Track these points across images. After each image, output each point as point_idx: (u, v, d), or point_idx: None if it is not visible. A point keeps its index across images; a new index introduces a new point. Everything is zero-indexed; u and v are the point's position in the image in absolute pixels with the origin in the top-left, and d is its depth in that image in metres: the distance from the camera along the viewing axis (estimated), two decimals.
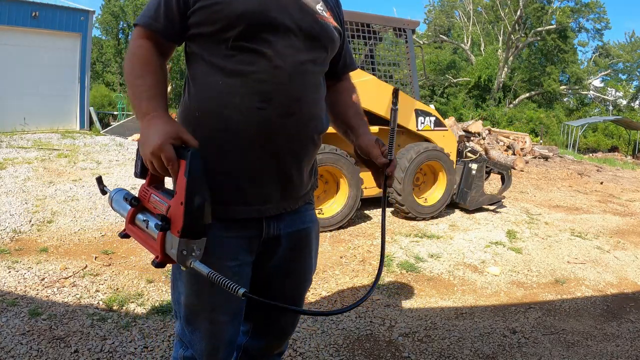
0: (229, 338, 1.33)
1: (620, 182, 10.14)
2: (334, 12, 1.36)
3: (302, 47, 1.22)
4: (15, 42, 10.86)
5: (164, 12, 1.19)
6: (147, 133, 1.08)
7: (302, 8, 1.24)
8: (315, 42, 1.25)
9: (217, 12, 1.16)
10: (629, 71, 34.22)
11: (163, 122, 1.10)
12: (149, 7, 1.24)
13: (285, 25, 1.19)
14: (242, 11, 1.15)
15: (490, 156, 10.83)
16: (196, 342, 1.31)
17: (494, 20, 32.29)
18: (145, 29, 1.21)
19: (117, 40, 37.13)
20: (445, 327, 2.72)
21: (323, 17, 1.28)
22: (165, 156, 1.05)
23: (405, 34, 5.29)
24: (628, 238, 5.01)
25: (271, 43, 1.17)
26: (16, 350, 2.11)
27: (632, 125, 24.26)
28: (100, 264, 3.24)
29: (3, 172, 5.73)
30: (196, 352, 1.32)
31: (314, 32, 1.24)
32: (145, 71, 1.18)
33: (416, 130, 5.13)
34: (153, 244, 1.08)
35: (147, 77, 1.17)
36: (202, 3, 1.16)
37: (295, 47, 1.20)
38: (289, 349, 2.32)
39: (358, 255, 3.85)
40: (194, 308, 1.28)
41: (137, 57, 1.19)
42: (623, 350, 2.58)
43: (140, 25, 1.22)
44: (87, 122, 12.27)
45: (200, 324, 1.29)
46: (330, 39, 1.29)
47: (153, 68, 1.19)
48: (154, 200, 1.13)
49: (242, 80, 1.16)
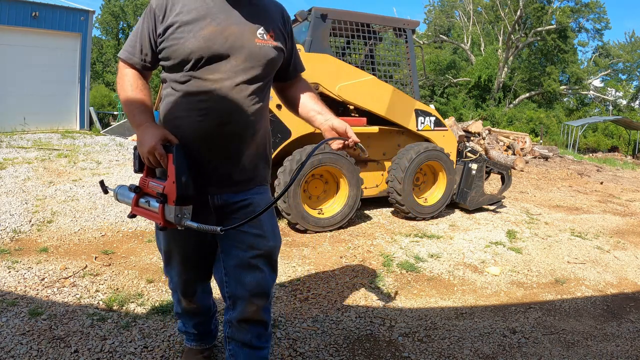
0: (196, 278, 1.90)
1: (620, 182, 10.14)
2: (277, 31, 1.70)
3: (241, 69, 1.59)
4: (15, 42, 10.86)
5: (139, 49, 1.62)
6: (143, 138, 1.51)
7: (242, 37, 1.60)
8: (254, 63, 1.62)
9: (175, 51, 1.56)
10: (629, 71, 34.23)
11: (153, 128, 1.53)
12: (129, 42, 1.65)
13: (226, 54, 1.57)
14: (191, 49, 1.54)
15: (490, 156, 10.83)
16: (173, 276, 1.89)
17: (494, 20, 32.29)
18: (126, 62, 1.64)
19: (117, 40, 37.12)
20: (445, 327, 2.72)
21: (262, 40, 1.63)
22: (158, 153, 1.48)
23: (405, 34, 5.29)
24: (628, 238, 5.01)
25: (214, 70, 1.57)
26: (16, 350, 2.12)
27: (632, 125, 24.26)
28: (100, 264, 3.24)
29: (3, 172, 5.73)
30: (174, 284, 1.93)
31: (252, 55, 1.61)
32: (134, 92, 1.61)
33: (416, 130, 5.13)
34: (156, 215, 1.49)
35: (137, 96, 1.60)
36: (165, 44, 1.58)
37: (234, 71, 1.58)
38: (289, 349, 2.32)
39: (358, 255, 3.85)
40: (170, 252, 1.83)
41: (125, 81, 1.62)
42: (623, 350, 2.58)
43: (122, 58, 1.65)
44: (87, 122, 12.27)
45: (174, 263, 1.85)
46: (268, 58, 1.64)
47: (139, 89, 1.62)
48: (152, 185, 1.53)
49: (189, 100, 1.59)
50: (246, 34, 1.61)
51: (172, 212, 1.45)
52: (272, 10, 1.74)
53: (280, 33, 1.72)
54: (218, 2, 1.62)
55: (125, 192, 1.63)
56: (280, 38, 1.71)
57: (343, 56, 5.28)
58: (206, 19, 1.58)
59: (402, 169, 4.80)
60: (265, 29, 1.66)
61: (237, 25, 1.61)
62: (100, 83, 33.50)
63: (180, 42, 1.55)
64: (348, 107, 5.23)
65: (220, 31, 1.58)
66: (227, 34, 1.58)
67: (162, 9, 1.60)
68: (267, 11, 1.71)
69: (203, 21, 1.57)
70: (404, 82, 5.38)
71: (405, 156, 4.85)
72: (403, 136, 5.20)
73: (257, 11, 1.68)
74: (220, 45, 1.56)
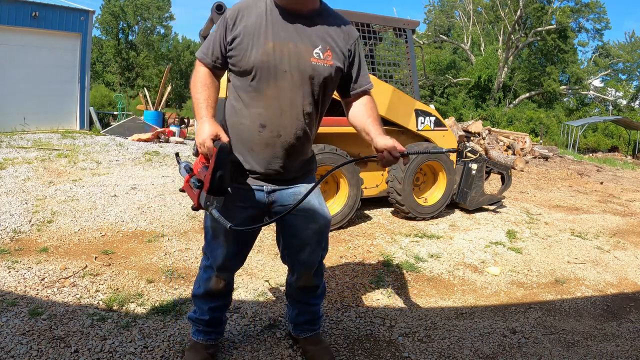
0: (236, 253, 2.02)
1: (620, 182, 10.15)
2: (336, 50, 1.83)
3: (296, 85, 1.78)
4: (15, 42, 10.86)
5: (211, 52, 1.84)
6: (201, 129, 1.73)
7: (299, 55, 1.77)
8: (308, 81, 1.80)
9: (239, 61, 1.79)
10: (629, 71, 34.24)
11: (209, 124, 1.74)
12: (205, 44, 1.87)
13: (283, 70, 1.76)
14: (253, 62, 1.76)
15: (490, 156, 10.83)
16: (215, 250, 2.00)
17: (494, 20, 32.29)
18: (201, 60, 1.87)
19: (117, 40, 37.10)
20: (445, 327, 2.72)
21: (317, 59, 1.79)
22: (207, 146, 1.70)
23: (405, 34, 5.29)
24: (628, 238, 5.01)
25: (271, 84, 1.77)
26: (16, 350, 2.11)
27: (632, 125, 24.26)
28: (100, 264, 3.24)
29: (3, 172, 5.73)
30: (213, 260, 2.03)
31: (307, 73, 1.78)
32: (202, 88, 1.82)
33: (416, 130, 5.13)
34: (193, 197, 1.75)
35: (203, 92, 1.81)
36: (232, 53, 1.80)
37: (290, 87, 1.78)
38: (288, 349, 2.32)
39: (358, 255, 3.85)
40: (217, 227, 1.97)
41: (198, 78, 1.85)
42: (623, 350, 2.58)
43: (198, 58, 1.88)
44: (87, 122, 12.26)
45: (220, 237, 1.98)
46: (322, 77, 1.81)
47: (207, 85, 1.84)
48: (199, 171, 1.78)
49: (251, 112, 1.83)
50: (303, 52, 1.77)
51: (203, 198, 1.69)
52: (337, 28, 1.85)
53: (339, 52, 1.84)
54: (282, 17, 1.78)
55: (182, 170, 1.92)
56: (340, 57, 1.84)
57: None
58: (268, 34, 1.75)
59: (402, 169, 4.80)
60: (323, 47, 1.80)
61: (295, 43, 1.77)
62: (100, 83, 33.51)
63: (244, 54, 1.76)
64: None
65: (279, 47, 1.75)
66: (285, 50, 1.76)
67: (232, 19, 1.79)
68: (330, 29, 1.83)
69: (265, 36, 1.75)
70: (404, 82, 5.37)
71: None
72: (403, 136, 5.20)
73: (319, 29, 1.82)
74: (278, 62, 1.75)
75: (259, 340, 2.39)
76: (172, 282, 3.04)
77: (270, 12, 1.78)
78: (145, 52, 36.90)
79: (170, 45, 40.92)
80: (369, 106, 1.93)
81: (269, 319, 2.61)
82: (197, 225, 4.26)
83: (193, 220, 4.39)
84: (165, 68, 16.94)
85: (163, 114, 13.45)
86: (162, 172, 6.40)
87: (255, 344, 2.34)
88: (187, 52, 40.81)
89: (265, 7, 1.79)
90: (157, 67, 36.55)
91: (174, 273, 3.18)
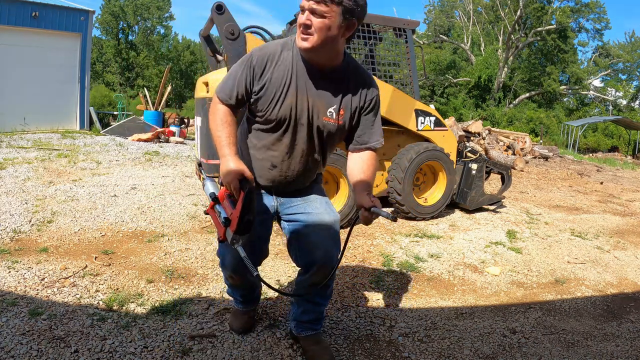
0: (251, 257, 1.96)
1: (620, 182, 10.15)
2: (348, 110, 1.97)
3: (309, 137, 1.98)
4: (15, 42, 10.86)
5: (235, 94, 1.92)
6: (225, 167, 1.82)
7: (312, 112, 1.93)
8: (318, 135, 1.99)
9: (262, 111, 1.93)
10: (629, 71, 34.23)
11: (234, 162, 1.83)
12: (227, 84, 1.94)
13: (301, 123, 1.94)
14: (276, 115, 1.91)
15: (490, 156, 10.83)
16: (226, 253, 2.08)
17: (494, 20, 32.29)
18: (221, 100, 1.94)
19: (117, 40, 37.11)
20: (445, 327, 2.72)
21: (329, 119, 1.95)
22: (234, 187, 1.81)
23: (405, 34, 5.29)
24: (628, 238, 5.01)
25: (289, 135, 1.96)
26: (16, 350, 2.11)
27: (632, 125, 24.26)
28: (100, 264, 3.24)
29: (3, 172, 5.73)
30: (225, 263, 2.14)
31: (318, 129, 1.97)
32: (223, 126, 1.90)
33: (416, 130, 5.13)
34: (220, 228, 1.85)
35: (225, 130, 1.90)
36: (256, 102, 1.93)
37: (303, 138, 1.97)
38: (288, 349, 2.32)
39: (358, 255, 3.85)
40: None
41: (217, 115, 1.92)
42: (623, 350, 2.58)
43: (218, 97, 1.94)
44: (87, 122, 12.27)
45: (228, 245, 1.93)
46: (329, 134, 1.99)
47: (228, 123, 1.92)
48: (225, 203, 1.88)
49: (264, 153, 2.01)
50: (317, 110, 1.94)
51: (230, 236, 1.81)
52: (357, 85, 1.98)
53: (353, 111, 1.99)
54: (306, 72, 1.90)
55: (208, 189, 2.00)
56: (352, 116, 2.00)
57: None
58: (292, 89, 1.89)
59: (402, 169, 4.80)
60: (337, 107, 1.95)
61: (313, 100, 1.92)
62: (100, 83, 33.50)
63: (269, 106, 1.90)
64: None
65: (301, 102, 1.91)
66: (305, 106, 1.92)
67: (261, 67, 1.89)
68: (350, 86, 1.96)
69: (289, 91, 1.89)
70: (404, 82, 5.37)
71: (405, 156, 4.85)
72: (403, 136, 5.20)
73: (339, 86, 1.95)
74: (299, 116, 1.92)
75: (259, 340, 2.39)
76: (172, 282, 3.04)
77: (296, 65, 1.89)
78: (145, 52, 36.91)
79: (170, 45, 40.94)
80: (367, 163, 2.02)
81: (269, 319, 2.61)
82: (197, 225, 4.26)
83: (193, 220, 4.40)
84: (165, 68, 16.94)
85: (163, 114, 13.46)
86: (162, 172, 6.40)
87: (255, 344, 2.34)
88: (187, 52, 40.82)
89: (291, 59, 1.90)
90: (157, 67, 36.56)
91: (174, 273, 3.18)
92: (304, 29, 1.78)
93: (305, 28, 1.77)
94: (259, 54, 1.91)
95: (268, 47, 1.94)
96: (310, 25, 1.76)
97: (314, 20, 1.75)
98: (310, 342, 2.28)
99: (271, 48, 1.92)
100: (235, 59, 4.14)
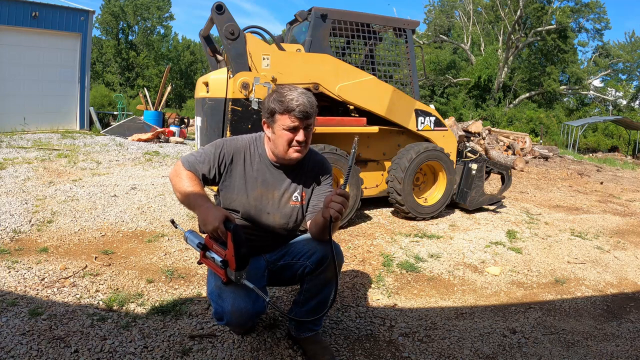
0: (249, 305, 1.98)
1: (620, 182, 10.15)
2: (308, 191, 2.20)
3: (277, 222, 2.17)
4: (15, 42, 10.87)
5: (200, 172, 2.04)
6: (207, 217, 1.85)
7: (280, 201, 2.15)
8: (287, 219, 2.18)
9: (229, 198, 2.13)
10: (629, 71, 34.22)
11: (215, 209, 1.87)
12: (197, 159, 2.06)
13: (267, 212, 2.15)
14: (239, 205, 2.12)
15: (490, 156, 10.83)
16: (226, 305, 1.96)
17: (494, 20, 32.29)
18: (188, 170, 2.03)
19: (117, 40, 37.10)
20: (445, 327, 2.72)
21: (295, 202, 2.17)
22: (221, 231, 1.81)
23: (405, 34, 5.29)
24: (628, 238, 5.01)
25: (255, 222, 2.14)
26: (16, 350, 2.11)
27: (632, 125, 24.25)
28: (100, 264, 3.24)
29: (3, 172, 5.73)
30: (226, 315, 1.97)
31: (286, 214, 2.17)
32: (192, 185, 1.98)
33: (416, 130, 5.13)
34: (220, 272, 1.91)
35: (194, 186, 1.97)
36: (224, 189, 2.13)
37: (272, 223, 2.17)
38: (288, 349, 2.32)
39: (358, 255, 3.85)
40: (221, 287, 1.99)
41: (183, 178, 2.00)
42: (623, 350, 2.58)
43: (185, 167, 2.04)
44: (87, 122, 12.27)
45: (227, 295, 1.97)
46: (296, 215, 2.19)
47: (196, 183, 2.00)
48: (215, 248, 1.93)
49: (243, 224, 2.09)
50: (284, 198, 2.15)
51: (232, 275, 1.86)
52: (313, 169, 2.20)
53: (311, 189, 2.21)
54: (271, 169, 2.13)
55: (193, 241, 2.06)
56: (311, 192, 2.21)
57: (343, 56, 5.28)
58: (257, 181, 2.11)
59: (402, 169, 4.80)
60: (300, 191, 2.18)
61: (280, 191, 2.14)
62: (100, 83, 33.48)
63: (236, 195, 2.10)
64: (348, 107, 5.23)
65: (267, 194, 2.12)
66: (270, 196, 2.13)
67: (229, 158, 2.08)
68: (308, 171, 2.19)
69: (256, 183, 2.11)
70: (404, 82, 5.37)
71: (405, 156, 4.85)
72: (403, 136, 5.20)
73: (301, 175, 2.18)
74: (264, 205, 2.13)
75: (259, 340, 2.39)
76: (172, 282, 3.04)
77: (261, 161, 2.11)
78: (145, 52, 36.89)
79: (170, 45, 40.93)
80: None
81: (269, 319, 2.61)
82: (197, 225, 4.26)
83: (193, 220, 4.40)
84: (165, 68, 16.93)
85: (163, 114, 13.46)
86: (162, 172, 6.40)
87: (255, 344, 2.34)
88: (187, 52, 40.81)
89: (258, 157, 2.12)
90: (157, 67, 36.55)
91: (174, 273, 3.18)
92: (300, 144, 2.00)
93: (302, 143, 2.00)
94: (229, 146, 2.09)
95: (238, 140, 2.14)
96: (305, 140, 2.01)
97: (306, 134, 2.01)
98: (310, 342, 2.28)
99: (242, 145, 2.12)
100: (235, 59, 4.17)
